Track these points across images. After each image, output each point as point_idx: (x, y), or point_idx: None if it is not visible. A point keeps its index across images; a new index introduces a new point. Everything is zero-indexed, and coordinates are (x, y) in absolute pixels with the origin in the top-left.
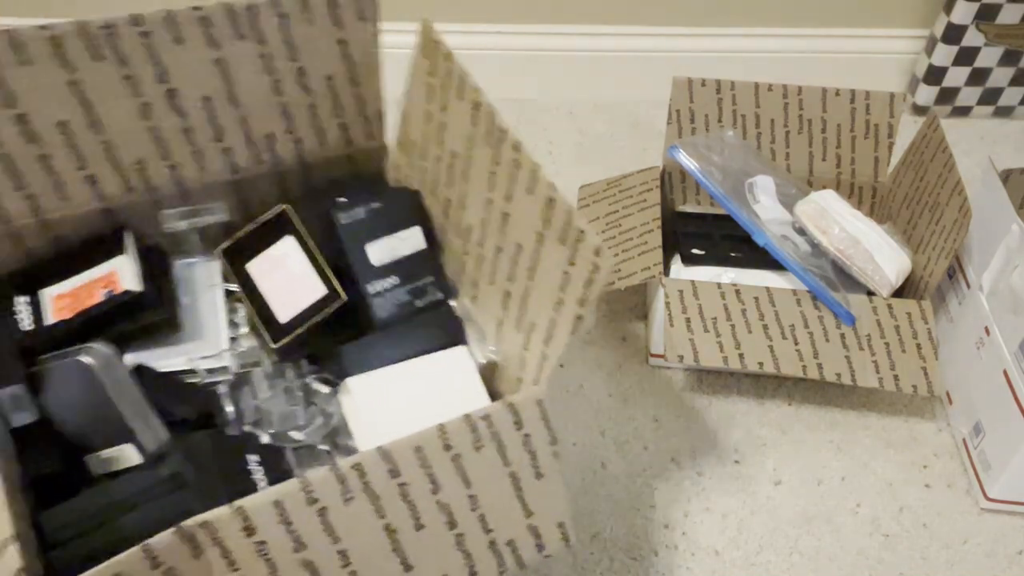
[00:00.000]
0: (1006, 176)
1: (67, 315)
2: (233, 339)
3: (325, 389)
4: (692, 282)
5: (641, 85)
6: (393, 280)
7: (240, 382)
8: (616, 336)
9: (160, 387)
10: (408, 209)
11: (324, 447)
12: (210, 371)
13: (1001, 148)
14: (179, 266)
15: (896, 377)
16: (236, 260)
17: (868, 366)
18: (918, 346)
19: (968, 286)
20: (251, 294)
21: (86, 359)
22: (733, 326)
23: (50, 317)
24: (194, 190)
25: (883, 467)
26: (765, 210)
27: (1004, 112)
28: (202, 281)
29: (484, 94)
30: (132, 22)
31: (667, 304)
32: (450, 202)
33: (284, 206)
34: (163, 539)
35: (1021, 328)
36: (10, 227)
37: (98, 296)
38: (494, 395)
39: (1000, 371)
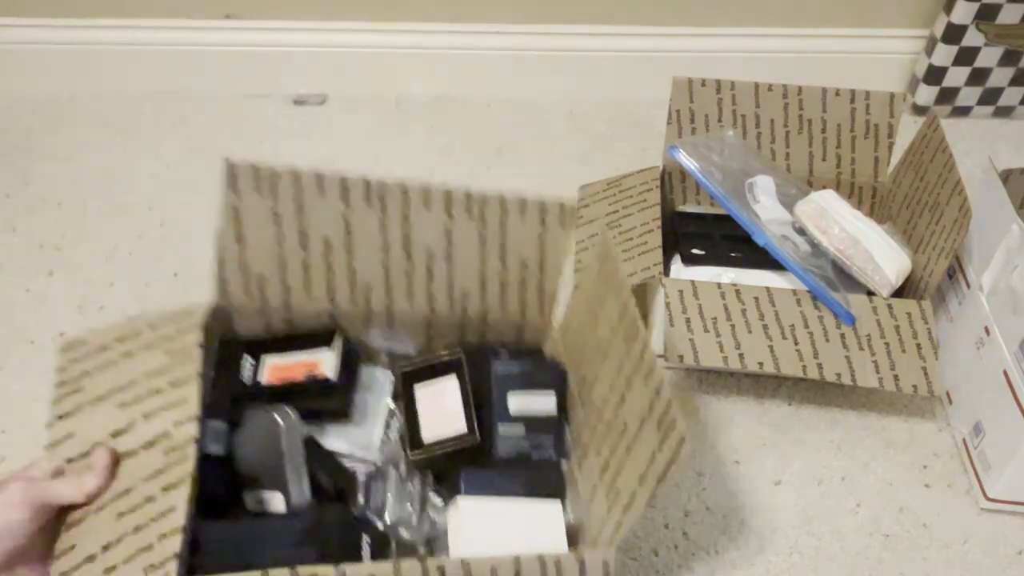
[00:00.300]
0: (1006, 176)
1: (275, 382)
2: (383, 440)
3: (439, 501)
4: (692, 282)
5: (641, 85)
6: (520, 429)
7: (377, 475)
8: None
9: (319, 458)
10: (552, 378)
11: (422, 548)
12: (359, 459)
13: (1001, 148)
14: (364, 369)
15: (896, 377)
16: (408, 380)
17: (868, 366)
18: (918, 346)
19: (968, 286)
20: (408, 409)
21: (278, 418)
22: (733, 326)
23: (264, 379)
24: (398, 317)
25: (883, 467)
26: (765, 210)
27: (1004, 112)
28: (377, 387)
29: (632, 297)
30: (400, 188)
31: (667, 304)
32: (585, 379)
33: (460, 353)
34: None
35: (1021, 328)
36: (264, 306)
37: (300, 375)
38: (573, 548)
39: (1000, 371)
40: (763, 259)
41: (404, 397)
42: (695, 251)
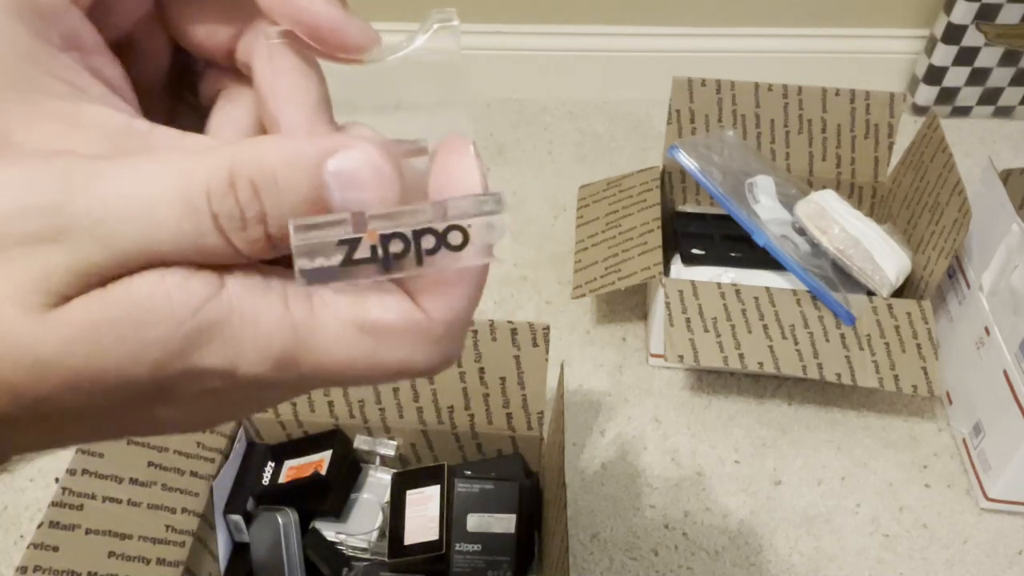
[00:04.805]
0: (1006, 176)
1: (286, 480)
2: (377, 535)
3: None
4: (692, 282)
5: (641, 85)
6: (476, 547)
7: (367, 569)
8: (616, 336)
9: (318, 545)
10: (513, 500)
11: None
12: (351, 547)
13: (1001, 148)
14: (367, 470)
15: (896, 377)
16: (400, 484)
17: (868, 366)
18: (918, 346)
19: (968, 286)
20: (396, 512)
21: (280, 517)
22: (733, 326)
23: (280, 479)
24: (394, 429)
25: (883, 467)
26: (765, 210)
27: (1004, 112)
28: (373, 488)
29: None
30: None
31: (667, 304)
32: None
33: (444, 463)
34: None
35: (1021, 328)
36: (279, 420)
37: (309, 473)
38: None
39: (1000, 371)
40: (763, 259)
41: (394, 499)
42: (695, 251)
